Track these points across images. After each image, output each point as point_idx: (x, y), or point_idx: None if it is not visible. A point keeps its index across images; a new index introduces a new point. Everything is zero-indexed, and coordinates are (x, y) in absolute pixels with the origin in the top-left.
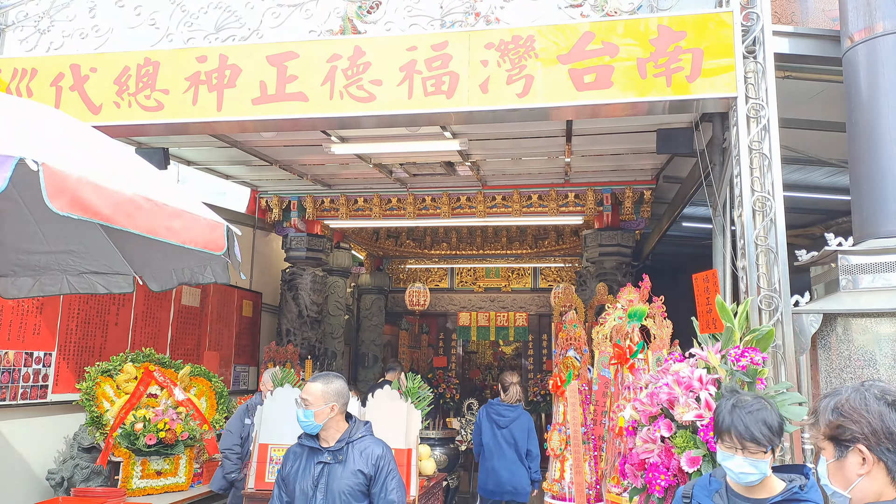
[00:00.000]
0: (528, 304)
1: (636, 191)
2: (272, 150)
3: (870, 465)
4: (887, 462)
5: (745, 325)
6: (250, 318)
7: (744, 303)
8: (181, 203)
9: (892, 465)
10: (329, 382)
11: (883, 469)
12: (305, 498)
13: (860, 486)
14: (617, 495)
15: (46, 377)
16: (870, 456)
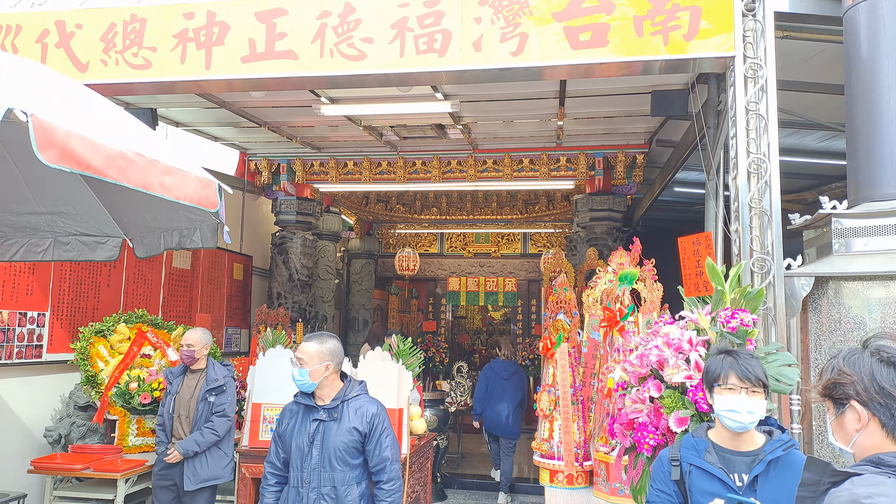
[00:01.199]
0: (518, 270)
1: (629, 155)
2: (261, 112)
3: (864, 421)
4: (881, 417)
5: (736, 288)
6: (241, 282)
7: (736, 265)
8: (172, 160)
9: (886, 420)
10: (324, 342)
11: (878, 424)
12: (302, 454)
13: (859, 442)
14: (605, 454)
15: (41, 337)
16: (863, 412)
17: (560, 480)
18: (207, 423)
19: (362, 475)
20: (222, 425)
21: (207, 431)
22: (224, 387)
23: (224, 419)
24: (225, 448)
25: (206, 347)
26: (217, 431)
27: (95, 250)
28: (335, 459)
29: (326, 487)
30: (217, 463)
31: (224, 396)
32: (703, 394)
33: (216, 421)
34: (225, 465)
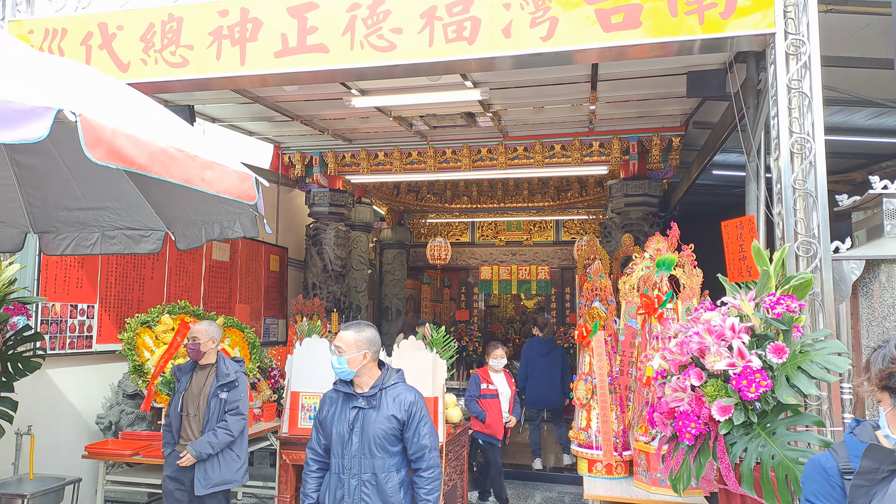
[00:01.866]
0: (551, 258)
1: (664, 138)
2: (293, 105)
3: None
4: None
5: (780, 272)
6: (277, 273)
7: (780, 249)
8: (211, 155)
9: None
10: (361, 331)
11: None
12: (342, 441)
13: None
14: (645, 444)
15: (91, 328)
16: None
17: (599, 470)
18: (221, 423)
19: (402, 463)
20: (236, 424)
21: (221, 431)
22: (236, 382)
23: (238, 417)
24: (238, 450)
25: (213, 340)
26: (231, 431)
27: (140, 243)
28: (375, 446)
29: (367, 474)
30: (229, 466)
31: (237, 392)
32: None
33: (229, 420)
34: (237, 468)
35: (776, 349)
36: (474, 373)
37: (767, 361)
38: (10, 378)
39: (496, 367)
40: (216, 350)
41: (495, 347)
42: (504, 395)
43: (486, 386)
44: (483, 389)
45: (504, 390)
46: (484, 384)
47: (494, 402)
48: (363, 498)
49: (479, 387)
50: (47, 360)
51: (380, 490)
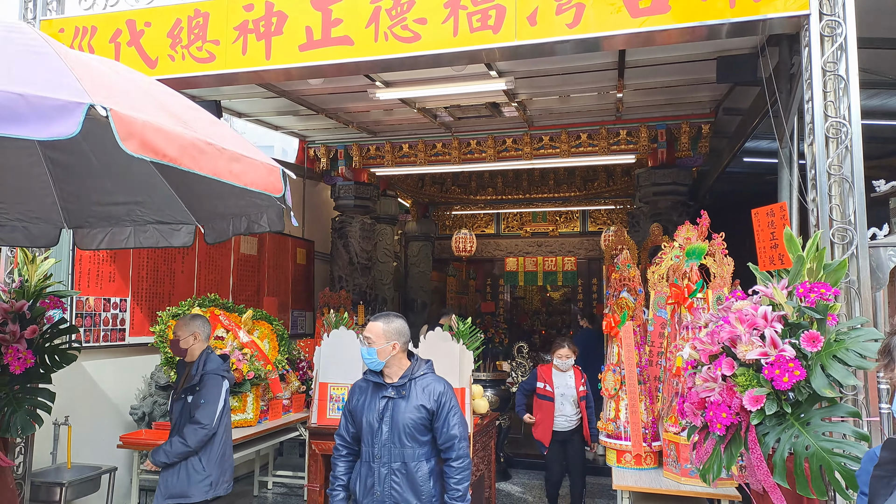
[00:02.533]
0: (577, 248)
1: (693, 125)
2: (318, 99)
3: None
4: None
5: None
6: (304, 266)
7: (814, 236)
8: (239, 147)
9: None
10: (390, 322)
11: None
12: (372, 430)
13: None
14: (675, 434)
15: (123, 321)
16: None
17: (628, 461)
18: (182, 431)
19: (431, 452)
20: (192, 435)
21: (176, 441)
22: (198, 386)
23: (194, 428)
24: (204, 462)
25: (195, 336)
26: (187, 442)
27: (172, 237)
28: (404, 436)
29: (397, 463)
30: (190, 479)
31: (199, 396)
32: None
33: (186, 429)
34: (200, 481)
35: (810, 338)
36: (535, 369)
37: (801, 350)
38: (47, 370)
39: (562, 367)
40: (202, 345)
41: (560, 346)
42: (566, 397)
43: (544, 386)
44: (539, 389)
45: (567, 392)
46: (541, 383)
47: (547, 406)
48: (393, 486)
49: (536, 383)
50: (83, 352)
51: (409, 479)
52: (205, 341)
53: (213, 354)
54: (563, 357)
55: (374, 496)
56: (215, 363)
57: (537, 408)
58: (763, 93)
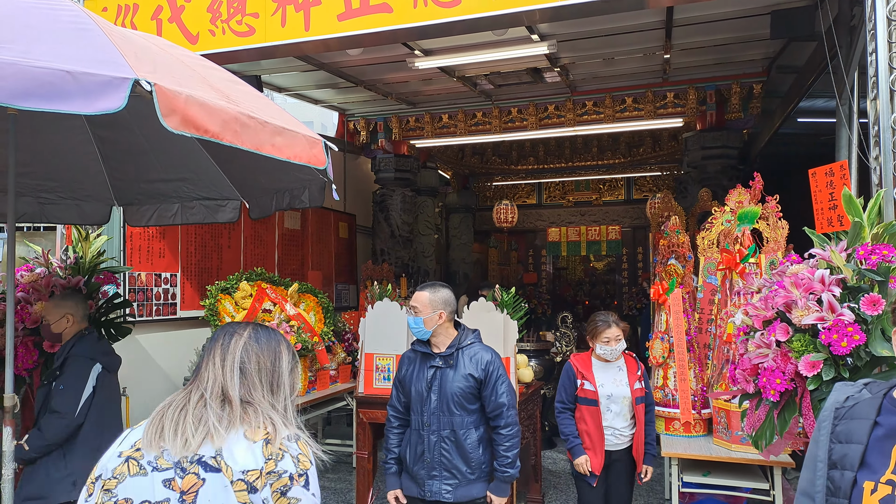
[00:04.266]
0: (622, 217)
1: (744, 85)
2: (357, 70)
3: None
4: None
5: (875, 220)
6: (346, 240)
7: (876, 195)
8: (281, 121)
9: None
10: (436, 291)
11: None
12: (421, 399)
13: None
14: (726, 402)
15: (174, 296)
16: None
17: (676, 428)
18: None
19: (480, 420)
20: (48, 426)
21: (34, 433)
22: (60, 370)
23: (52, 418)
24: (68, 458)
25: (67, 318)
26: (43, 434)
27: (217, 213)
28: (453, 404)
29: (446, 431)
30: (49, 476)
31: (58, 382)
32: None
33: (44, 419)
34: (60, 480)
35: (870, 301)
36: (568, 362)
37: (860, 314)
38: None
39: (608, 355)
40: (78, 327)
41: (603, 324)
42: (614, 400)
43: (581, 384)
44: (577, 389)
45: (616, 392)
46: (580, 380)
47: (592, 413)
48: (443, 453)
49: (574, 383)
50: (137, 326)
51: (459, 446)
52: (81, 322)
53: (90, 336)
54: (610, 340)
55: (425, 463)
56: (86, 345)
57: (580, 418)
58: (820, 48)
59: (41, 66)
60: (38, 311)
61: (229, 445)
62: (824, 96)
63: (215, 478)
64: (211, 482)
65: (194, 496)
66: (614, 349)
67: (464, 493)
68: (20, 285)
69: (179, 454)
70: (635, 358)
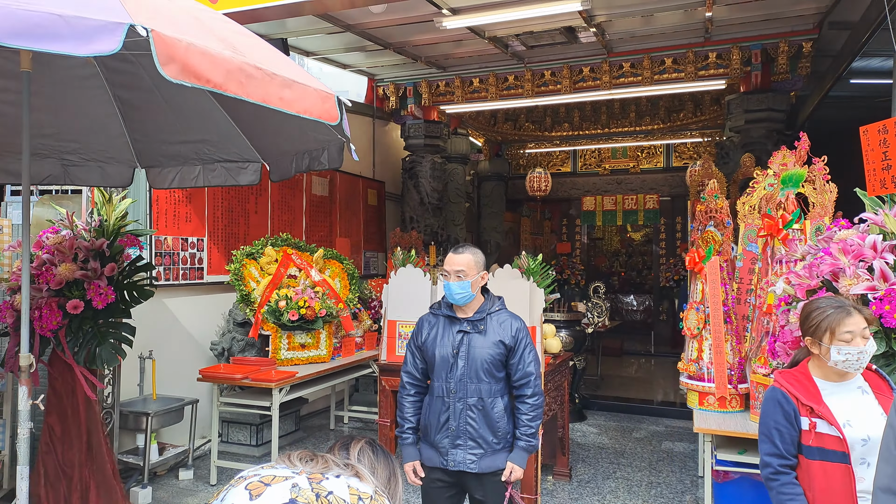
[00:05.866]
0: (660, 185)
1: (793, 44)
2: (384, 32)
3: None
4: None
5: None
6: (375, 207)
7: None
8: (290, 74)
9: None
10: (475, 252)
11: None
12: (447, 365)
13: None
14: (764, 376)
15: (201, 260)
16: None
17: (711, 403)
18: None
19: (505, 388)
20: None
21: None
22: None
23: None
24: None
25: None
26: None
27: (239, 175)
28: (482, 371)
29: (473, 398)
30: None
31: None
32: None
33: None
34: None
35: None
36: (775, 387)
37: None
38: (127, 305)
39: (850, 365)
40: None
41: (845, 313)
42: (874, 445)
43: (812, 424)
44: (806, 431)
45: (873, 433)
46: (807, 417)
47: (834, 473)
48: (469, 422)
49: (795, 424)
50: (164, 290)
51: (486, 414)
52: None
53: None
54: (855, 337)
55: (449, 431)
56: None
57: (807, 485)
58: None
59: (33, 9)
60: (62, 272)
61: None
62: (882, 54)
63: None
64: None
65: None
66: (863, 351)
67: (488, 464)
68: (46, 247)
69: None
70: (878, 370)
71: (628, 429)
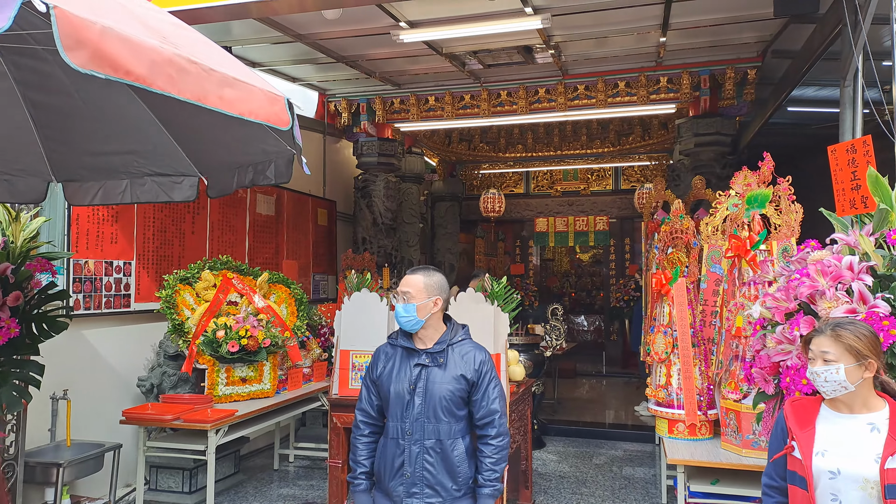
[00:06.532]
0: (609, 207)
1: (738, 70)
2: (337, 44)
3: None
4: None
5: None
6: (326, 227)
7: None
8: (233, 70)
9: None
10: (431, 275)
11: None
12: (402, 402)
13: None
14: (734, 402)
15: (128, 286)
16: None
17: (681, 431)
18: None
19: (466, 428)
20: None
21: None
22: None
23: None
24: None
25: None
26: None
27: (173, 190)
28: (440, 409)
29: (431, 440)
30: None
31: None
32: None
33: None
34: None
35: None
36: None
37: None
38: (34, 340)
39: (826, 389)
40: None
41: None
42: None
43: (789, 447)
44: (788, 455)
45: (847, 468)
46: (791, 440)
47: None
48: (426, 467)
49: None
50: (83, 320)
51: (445, 458)
52: None
53: None
54: (816, 360)
55: (404, 477)
56: None
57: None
58: (818, 32)
59: None
60: None
61: None
62: (818, 84)
63: None
64: None
65: None
66: (815, 373)
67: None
68: None
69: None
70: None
71: (587, 454)
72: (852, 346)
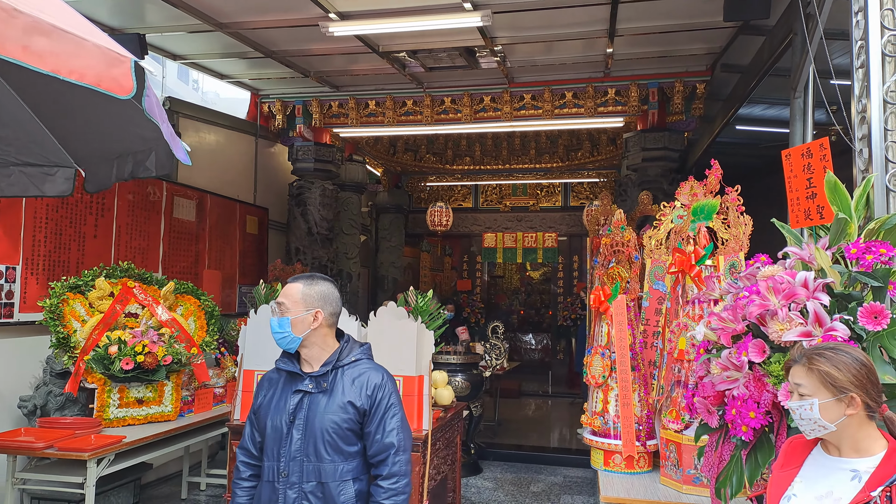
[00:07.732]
0: (558, 224)
1: (688, 84)
2: (265, 37)
3: None
4: None
5: (863, 212)
6: (256, 236)
7: (864, 181)
8: (56, 20)
9: None
10: (313, 284)
11: None
12: (279, 436)
13: None
14: (675, 433)
15: (11, 294)
16: None
17: (617, 463)
18: None
19: (360, 468)
20: None
21: None
22: None
23: None
24: None
25: None
26: None
27: (44, 183)
28: (323, 445)
29: (310, 483)
30: None
31: None
32: None
33: None
34: None
35: (871, 312)
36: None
37: (855, 329)
38: None
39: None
40: None
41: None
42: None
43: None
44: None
45: None
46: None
47: None
48: None
49: None
50: None
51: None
52: None
53: None
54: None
55: None
56: None
57: None
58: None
59: None
60: None
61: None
62: (765, 102)
63: None
64: None
65: None
66: (803, 407)
67: None
68: None
69: None
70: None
71: (525, 481)
72: (828, 377)
